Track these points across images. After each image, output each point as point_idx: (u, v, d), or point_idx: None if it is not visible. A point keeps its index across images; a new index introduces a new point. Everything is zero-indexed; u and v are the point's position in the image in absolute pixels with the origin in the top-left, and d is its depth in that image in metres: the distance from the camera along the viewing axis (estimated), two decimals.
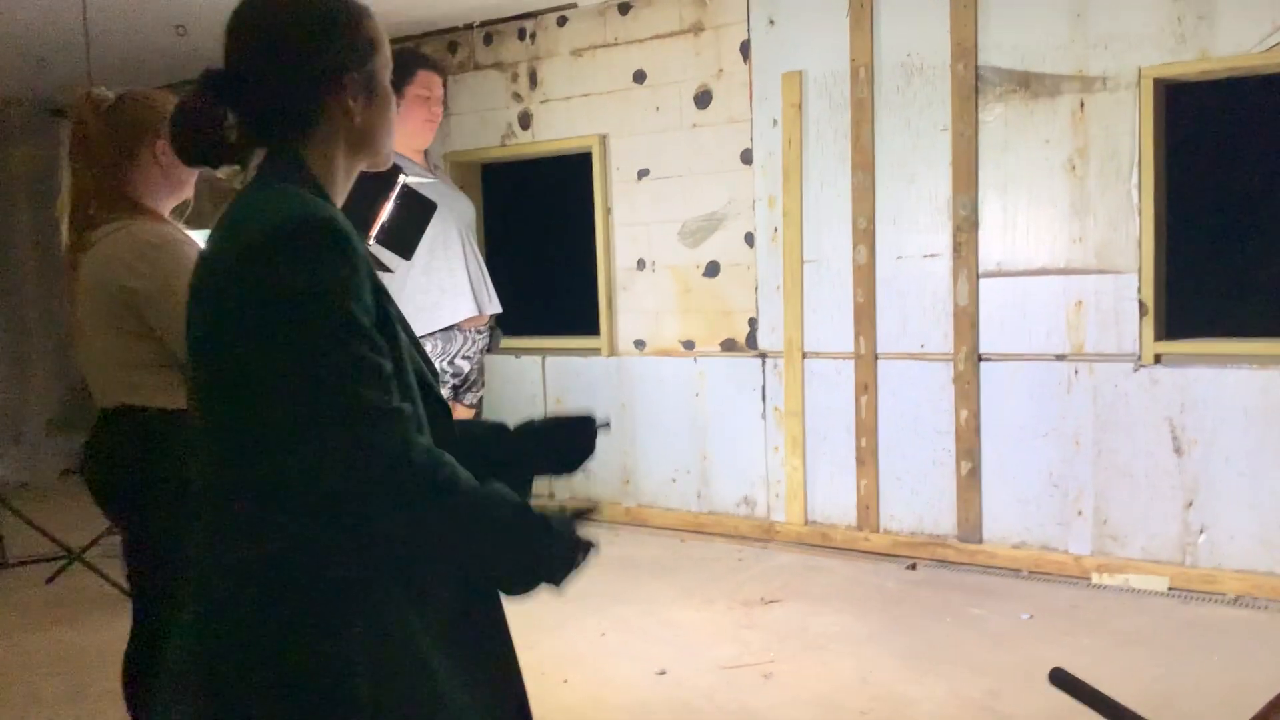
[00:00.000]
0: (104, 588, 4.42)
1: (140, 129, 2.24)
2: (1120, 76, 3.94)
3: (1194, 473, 3.90)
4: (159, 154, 2.25)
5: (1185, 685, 3.15)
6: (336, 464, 1.20)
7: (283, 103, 1.37)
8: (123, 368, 2.22)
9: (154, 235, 2.21)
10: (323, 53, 1.37)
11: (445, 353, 3.47)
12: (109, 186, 2.23)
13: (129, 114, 2.25)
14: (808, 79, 4.62)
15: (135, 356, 2.20)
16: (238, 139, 1.39)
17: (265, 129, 1.38)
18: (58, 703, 3.35)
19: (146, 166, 2.25)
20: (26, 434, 6.92)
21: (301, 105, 1.37)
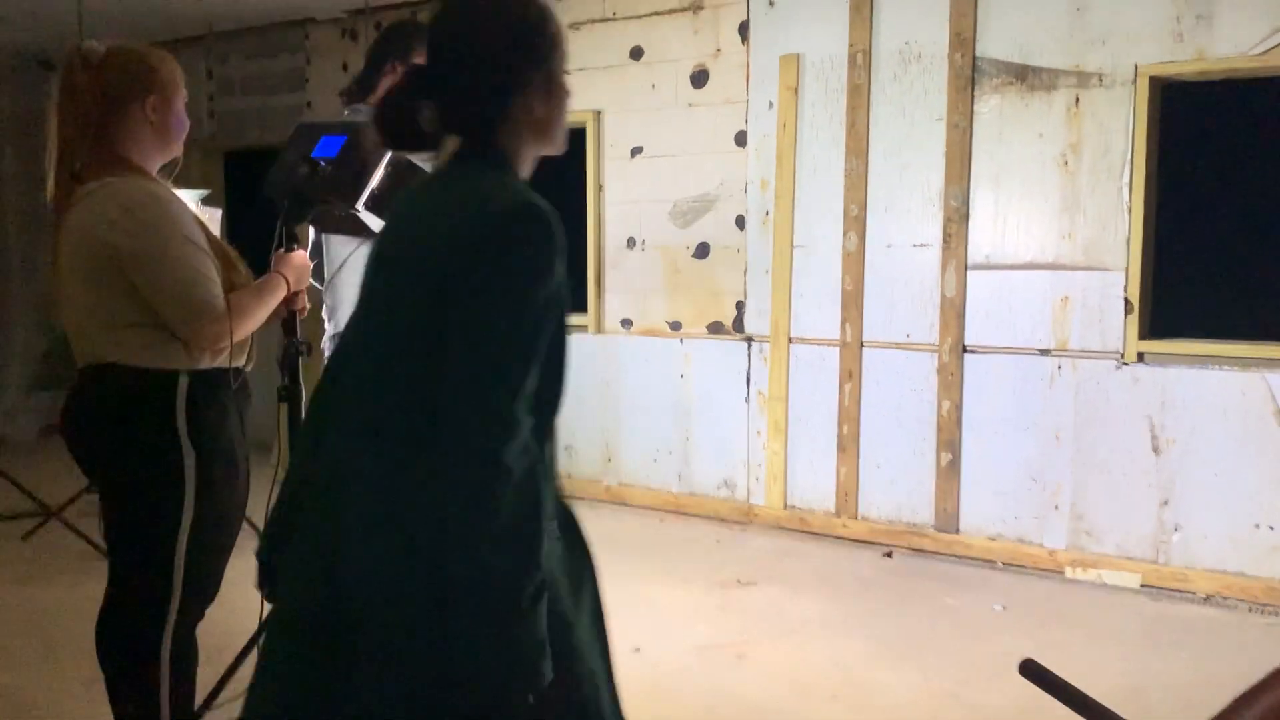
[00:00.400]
0: (80, 546, 4.40)
1: (131, 85, 2.20)
2: (1117, 73, 3.94)
3: (1170, 472, 3.93)
4: (150, 111, 2.22)
5: (1153, 681, 3.19)
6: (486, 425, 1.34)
7: (475, 98, 1.50)
8: (104, 325, 2.20)
9: (141, 193, 2.18)
10: (513, 54, 1.50)
11: None
12: (97, 142, 2.19)
13: (119, 69, 2.20)
14: (805, 63, 4.60)
15: (117, 314, 2.18)
16: (433, 128, 1.52)
17: (458, 121, 1.52)
18: (29, 660, 3.34)
19: (136, 123, 2.22)
20: (6, 390, 6.87)
21: (492, 100, 1.50)
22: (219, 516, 2.31)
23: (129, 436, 2.22)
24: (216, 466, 2.27)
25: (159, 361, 2.20)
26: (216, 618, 2.56)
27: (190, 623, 2.36)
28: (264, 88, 6.42)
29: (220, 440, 2.28)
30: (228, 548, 2.41)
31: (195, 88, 6.59)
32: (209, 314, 2.17)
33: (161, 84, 2.24)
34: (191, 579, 2.29)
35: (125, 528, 2.31)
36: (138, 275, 2.14)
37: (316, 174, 2.47)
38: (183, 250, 2.16)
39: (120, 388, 2.22)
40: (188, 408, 2.21)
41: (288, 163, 2.57)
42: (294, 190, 2.51)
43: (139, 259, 2.13)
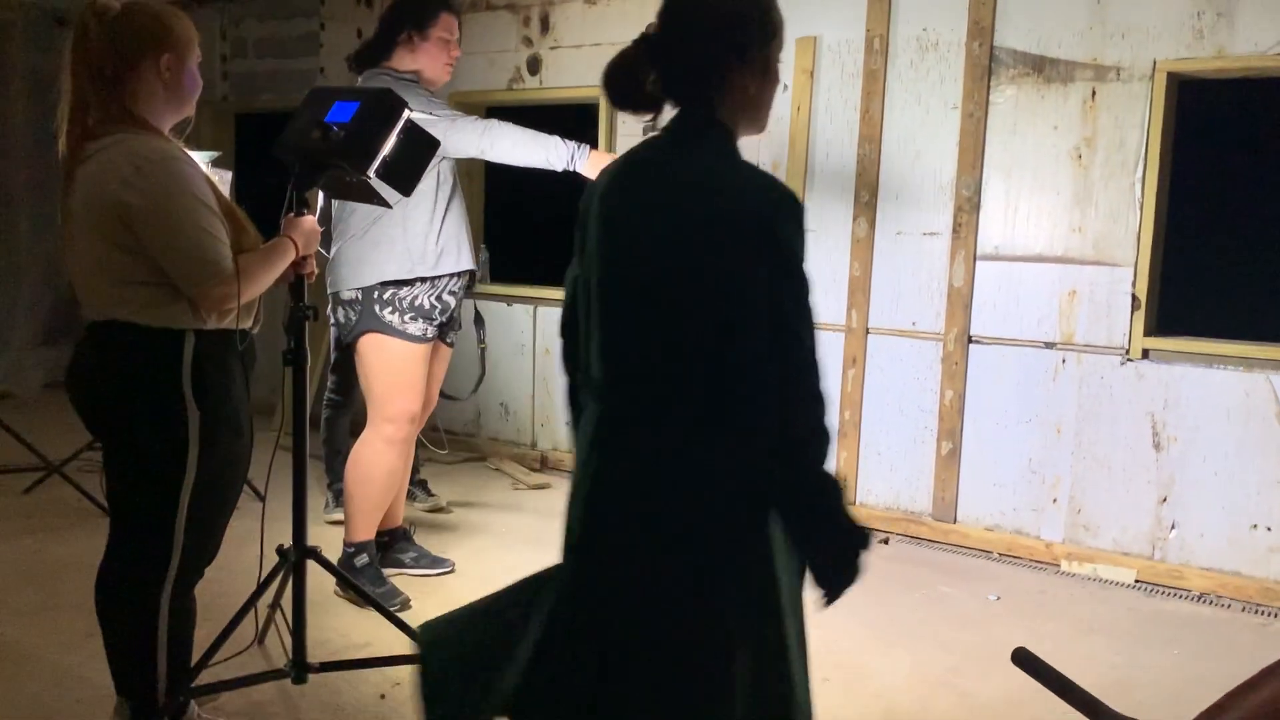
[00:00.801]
0: (81, 502, 4.43)
1: (145, 42, 2.19)
2: (1135, 68, 3.92)
3: (1171, 469, 3.94)
4: (163, 69, 2.21)
5: (1143, 676, 3.20)
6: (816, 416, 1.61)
7: (697, 70, 1.64)
8: (112, 282, 2.20)
9: (152, 150, 2.17)
10: (735, 33, 1.63)
11: (435, 287, 3.47)
12: (109, 99, 2.19)
13: (134, 25, 2.19)
14: (821, 45, 4.58)
15: (124, 271, 2.19)
16: (654, 93, 1.67)
17: (677, 89, 1.66)
18: (28, 612, 3.36)
19: (149, 81, 2.21)
20: (12, 344, 6.89)
21: (712, 74, 1.64)
22: (221, 478, 2.34)
23: (134, 394, 2.23)
24: (220, 428, 2.29)
25: (166, 320, 2.21)
26: (214, 577, 2.58)
27: (189, 581, 2.38)
28: (278, 51, 6.40)
29: (225, 402, 2.30)
30: (228, 509, 2.43)
31: (209, 49, 6.56)
32: (217, 274, 2.17)
33: (176, 42, 2.24)
34: (191, 538, 2.31)
35: (127, 485, 2.32)
36: (147, 233, 2.15)
37: (329, 139, 2.47)
38: (193, 209, 2.16)
39: (126, 345, 2.23)
40: (193, 368, 2.23)
41: (300, 127, 2.56)
42: (305, 154, 2.51)
43: (149, 216, 2.13)
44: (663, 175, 1.64)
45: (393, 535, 3.80)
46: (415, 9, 3.50)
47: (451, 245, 3.48)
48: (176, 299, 2.20)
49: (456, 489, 4.99)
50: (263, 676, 2.64)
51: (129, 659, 2.37)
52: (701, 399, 1.59)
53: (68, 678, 2.91)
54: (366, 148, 2.50)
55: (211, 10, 6.52)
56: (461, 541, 4.24)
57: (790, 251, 1.58)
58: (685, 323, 1.58)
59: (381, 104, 2.56)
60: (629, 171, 1.70)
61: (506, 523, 4.56)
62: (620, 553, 1.64)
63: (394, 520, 3.79)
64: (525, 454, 5.56)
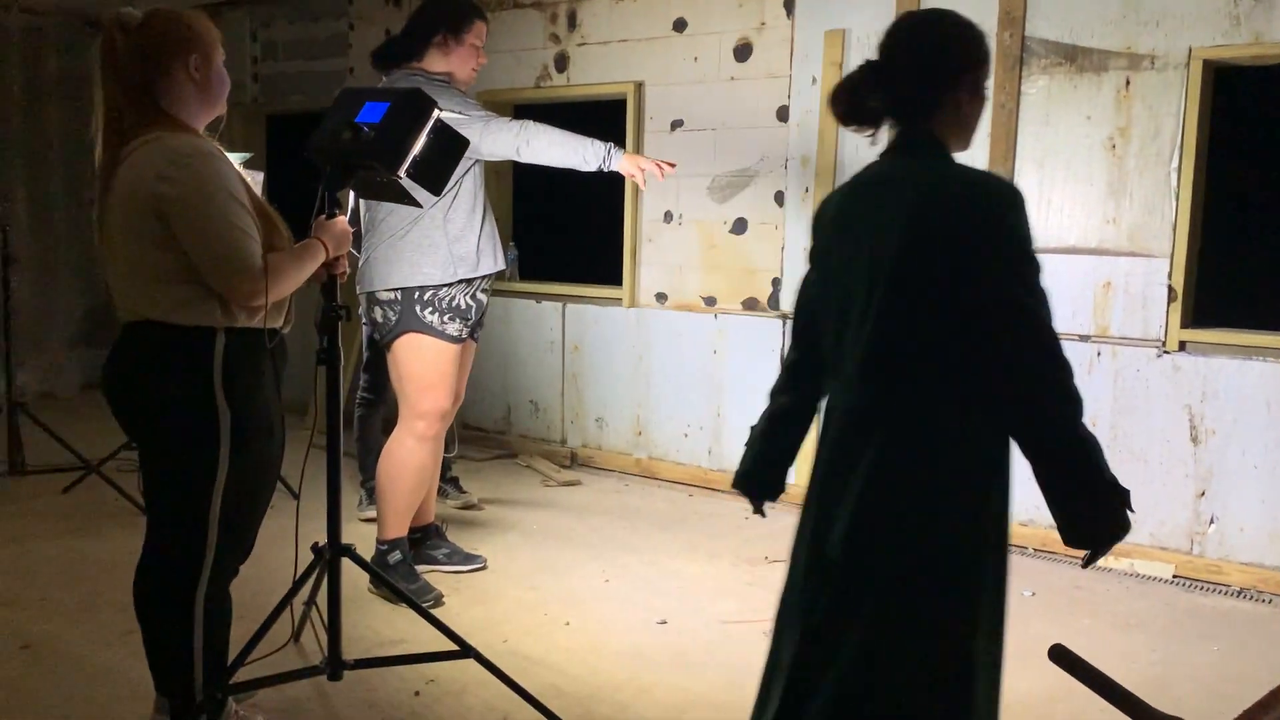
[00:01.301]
0: (118, 501, 4.48)
1: (171, 45, 2.25)
2: (1170, 56, 3.86)
3: (1209, 463, 3.88)
4: (192, 69, 2.26)
5: (1182, 672, 3.16)
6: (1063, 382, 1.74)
7: (916, 92, 1.86)
8: (145, 281, 2.24)
9: (188, 145, 2.22)
10: (950, 61, 1.87)
11: (470, 286, 3.50)
12: (143, 104, 2.25)
13: (158, 30, 2.25)
14: (850, 38, 4.55)
15: (158, 269, 2.22)
16: (877, 111, 1.90)
17: (898, 109, 1.89)
18: (67, 610, 3.41)
19: (180, 82, 2.26)
20: (50, 345, 6.99)
21: (929, 96, 1.86)
22: (253, 476, 2.35)
23: (165, 394, 2.26)
24: (251, 426, 2.31)
25: (196, 319, 2.24)
26: (249, 575, 2.60)
27: (224, 579, 2.40)
28: (307, 52, 6.44)
29: (255, 400, 2.32)
30: (261, 508, 2.45)
31: (239, 51, 6.63)
32: (246, 271, 2.20)
33: (201, 42, 2.29)
34: (225, 537, 2.33)
35: (161, 484, 2.35)
36: (181, 226, 2.17)
37: (359, 139, 2.47)
38: (226, 205, 2.20)
39: (158, 345, 2.26)
40: (224, 367, 2.25)
41: (331, 128, 2.58)
42: (337, 155, 2.52)
43: (183, 209, 2.16)
44: (895, 185, 1.85)
45: (425, 532, 3.81)
46: (452, 13, 3.52)
47: (489, 246, 3.52)
48: (208, 298, 2.23)
49: (487, 486, 5.01)
50: (298, 674, 2.65)
51: (166, 657, 2.40)
52: (955, 381, 1.78)
53: (106, 675, 2.94)
54: (397, 148, 2.50)
55: (241, 13, 6.58)
56: (493, 538, 4.26)
57: (1019, 237, 1.75)
58: (934, 313, 1.76)
59: (412, 103, 2.56)
60: (863, 185, 1.93)
61: (537, 519, 4.58)
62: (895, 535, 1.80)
63: (426, 517, 3.80)
64: (555, 451, 5.58)
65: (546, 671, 3.01)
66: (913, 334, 1.79)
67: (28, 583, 3.64)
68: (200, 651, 2.33)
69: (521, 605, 3.56)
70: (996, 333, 1.72)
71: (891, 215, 1.81)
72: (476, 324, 3.62)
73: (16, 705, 2.76)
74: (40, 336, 6.89)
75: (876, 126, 1.93)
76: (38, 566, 3.81)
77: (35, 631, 3.23)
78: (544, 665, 2.93)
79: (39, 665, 3.01)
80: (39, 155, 6.84)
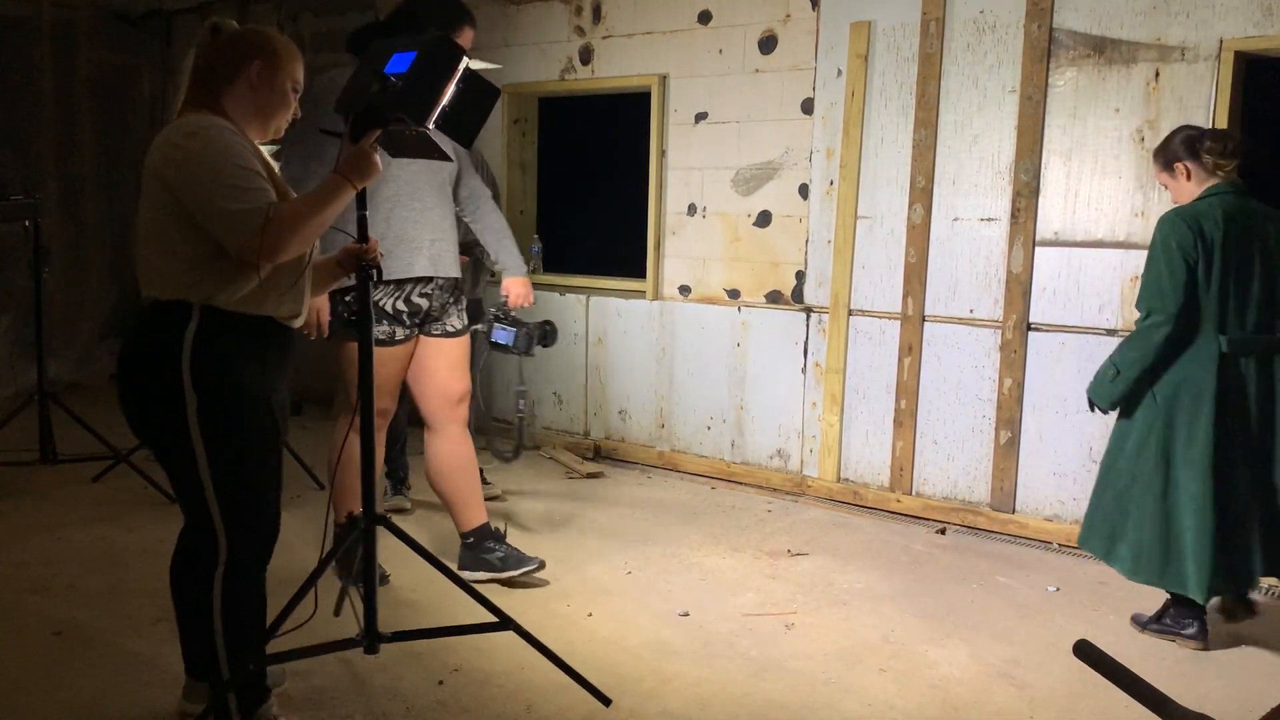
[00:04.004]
0: (147, 490, 4.54)
1: (244, 48, 2.33)
2: (1200, 47, 3.82)
3: None
4: (254, 75, 2.33)
5: (1208, 670, 3.14)
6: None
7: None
8: (149, 254, 2.27)
9: (205, 120, 2.26)
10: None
11: (400, 289, 3.44)
12: (204, 93, 2.33)
13: (239, 37, 2.35)
14: (876, 30, 4.53)
15: (160, 241, 2.25)
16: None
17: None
18: (97, 597, 3.46)
19: (240, 84, 2.33)
20: (81, 335, 7.07)
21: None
22: (239, 456, 2.31)
23: (142, 380, 2.31)
24: (221, 406, 2.26)
25: (173, 293, 2.26)
26: (289, 561, 2.62)
27: (243, 564, 2.37)
28: (335, 45, 6.47)
29: (225, 381, 2.27)
30: (261, 484, 2.39)
31: None
32: (245, 221, 2.16)
33: (271, 53, 2.34)
34: (232, 519, 2.32)
35: (168, 472, 2.39)
36: (186, 189, 2.19)
37: (387, 90, 2.38)
38: (233, 170, 2.19)
39: (142, 325, 2.32)
40: (193, 348, 2.23)
41: (359, 81, 2.51)
42: (364, 108, 2.42)
43: (187, 172, 2.18)
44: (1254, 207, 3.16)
45: (477, 535, 3.67)
46: (447, 12, 3.47)
47: (400, 251, 3.39)
48: (189, 270, 2.23)
49: (510, 477, 5.03)
50: (334, 646, 2.63)
51: (191, 638, 2.45)
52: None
53: (135, 661, 2.98)
54: (426, 98, 2.39)
55: (269, 6, 6.62)
56: (515, 529, 4.27)
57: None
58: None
59: (440, 52, 2.44)
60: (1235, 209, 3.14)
61: (560, 511, 4.59)
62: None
63: (474, 519, 3.68)
64: (579, 443, 5.59)
65: (568, 662, 3.03)
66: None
67: (58, 570, 3.69)
68: (221, 633, 2.34)
69: (543, 596, 3.58)
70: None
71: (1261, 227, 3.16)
72: (429, 322, 3.53)
73: (48, 690, 2.81)
74: (71, 327, 6.97)
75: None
76: (68, 554, 3.86)
77: (66, 618, 3.27)
78: (566, 656, 2.93)
79: (70, 651, 3.05)
80: (70, 147, 6.91)
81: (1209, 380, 3.10)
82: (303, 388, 6.39)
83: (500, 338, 3.91)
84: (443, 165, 3.52)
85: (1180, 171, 3.21)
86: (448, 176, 3.61)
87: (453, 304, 3.62)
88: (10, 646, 3.07)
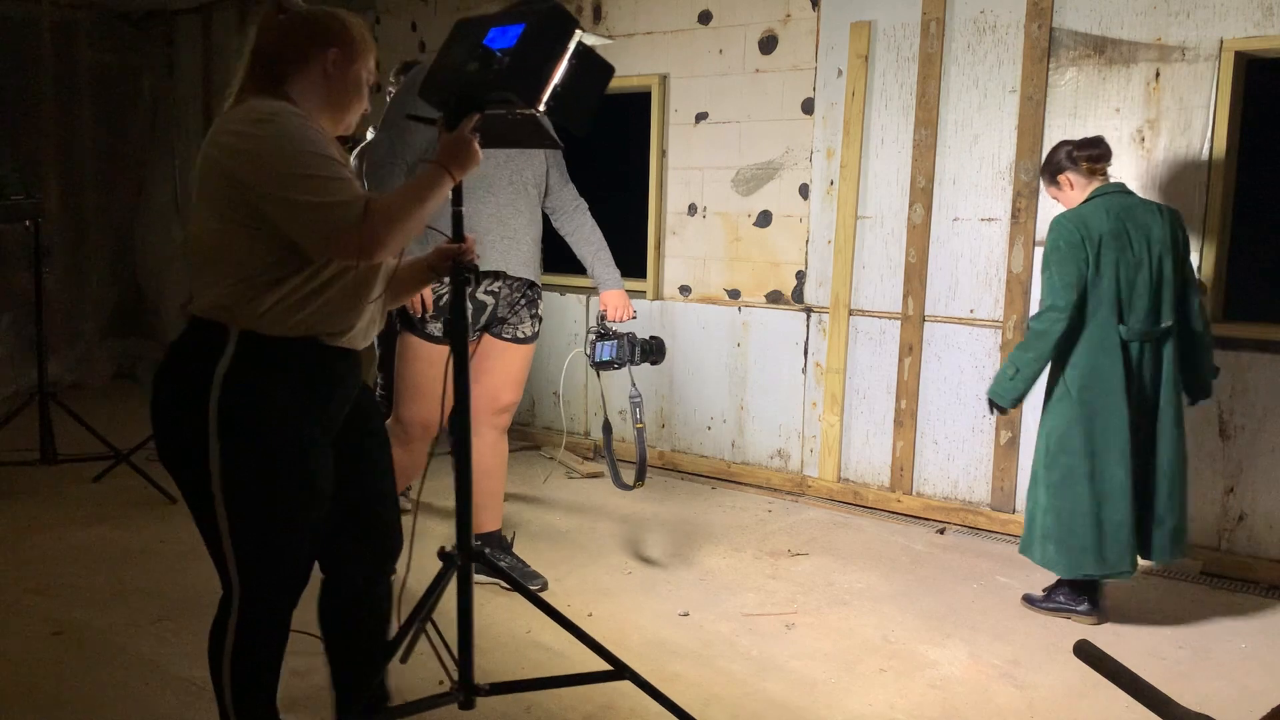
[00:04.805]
0: (148, 490, 4.54)
1: (316, 33, 2.06)
2: (1200, 47, 3.82)
3: (1238, 458, 3.84)
4: (329, 64, 2.05)
5: (1207, 669, 3.14)
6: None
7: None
8: (197, 258, 2.00)
9: (275, 105, 1.96)
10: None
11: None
12: (266, 80, 2.05)
13: (310, 18, 2.08)
14: (876, 30, 4.53)
15: (211, 244, 1.96)
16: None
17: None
18: (98, 597, 3.46)
19: (313, 73, 2.05)
20: (81, 335, 7.07)
21: None
22: (265, 510, 2.01)
23: (165, 411, 2.03)
24: (249, 457, 1.96)
25: (210, 311, 1.97)
26: None
27: (259, 616, 2.07)
28: None
29: (258, 429, 1.96)
30: (287, 535, 2.06)
31: None
32: (348, 215, 1.87)
33: (348, 41, 2.08)
34: (249, 569, 2.03)
35: (187, 503, 2.08)
36: (261, 180, 1.89)
37: (492, 67, 2.08)
38: (315, 159, 1.90)
39: (175, 345, 2.05)
40: (223, 389, 1.94)
41: (452, 62, 2.22)
42: (461, 91, 2.13)
43: (259, 163, 1.90)
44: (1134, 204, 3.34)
45: (487, 540, 3.61)
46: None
47: (488, 246, 3.37)
48: (234, 284, 1.94)
49: (511, 478, 5.03)
50: (424, 704, 2.28)
51: (217, 694, 2.12)
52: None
53: (135, 661, 2.98)
54: (537, 76, 2.07)
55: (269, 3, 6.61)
56: (516, 529, 4.27)
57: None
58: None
59: (551, 23, 2.12)
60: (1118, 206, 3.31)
61: (561, 511, 4.59)
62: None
63: (488, 524, 3.64)
64: (579, 443, 5.59)
65: (569, 663, 3.03)
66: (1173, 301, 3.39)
67: (59, 570, 3.70)
68: (229, 687, 2.07)
69: (544, 596, 3.58)
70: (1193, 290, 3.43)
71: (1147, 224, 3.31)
72: (494, 323, 3.53)
73: (48, 689, 2.81)
74: (71, 327, 6.98)
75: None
76: (69, 554, 3.86)
77: (66, 618, 3.27)
78: (567, 657, 2.94)
79: (69, 651, 3.05)
80: (70, 147, 6.91)
81: (1117, 368, 3.27)
82: None
83: (604, 353, 3.64)
84: (525, 163, 3.41)
85: (1065, 182, 3.44)
86: (532, 176, 3.50)
87: (525, 307, 3.57)
88: (10, 646, 3.07)
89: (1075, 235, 3.27)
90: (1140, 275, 3.29)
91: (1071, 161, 3.40)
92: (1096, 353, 3.28)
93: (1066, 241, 3.27)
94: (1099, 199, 3.35)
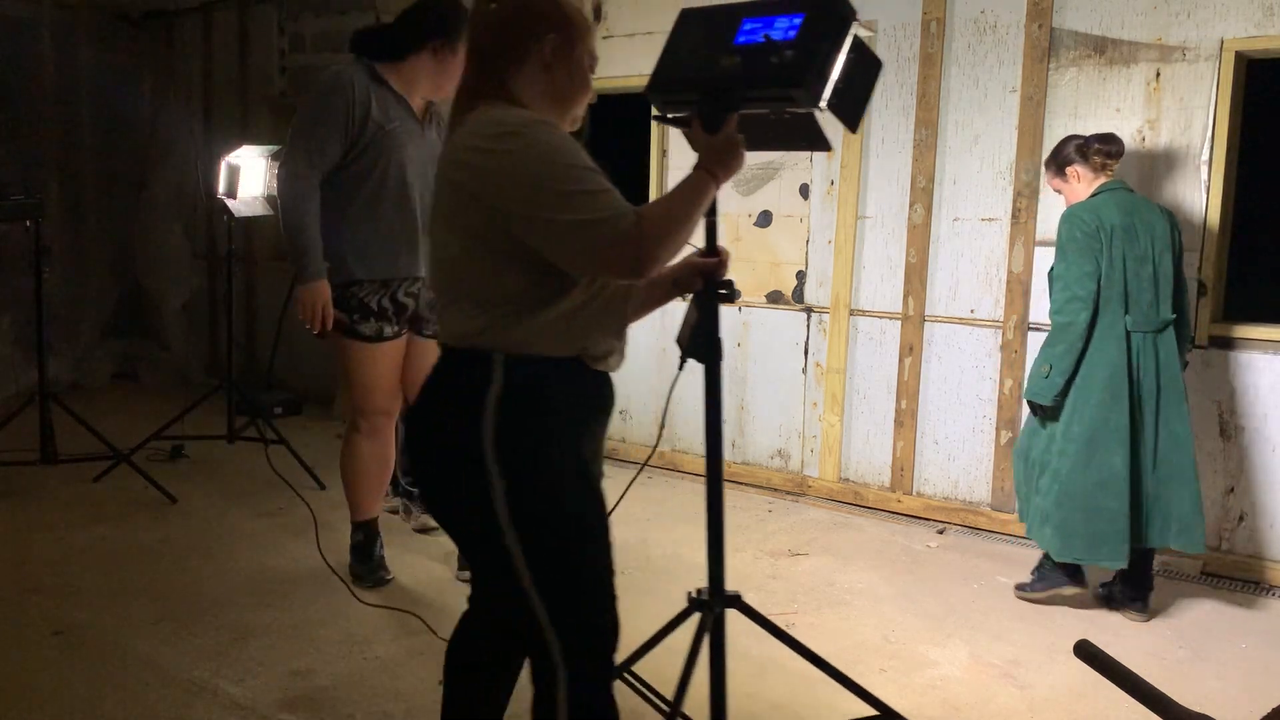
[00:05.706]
0: (148, 490, 4.53)
1: (530, 18, 1.88)
2: (1201, 48, 3.82)
3: (1238, 458, 3.84)
4: (548, 52, 1.87)
5: (1209, 669, 3.14)
6: None
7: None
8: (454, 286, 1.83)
9: (522, 115, 1.79)
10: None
11: (386, 288, 3.46)
12: (487, 77, 1.88)
13: (522, 3, 1.90)
14: (877, 29, 4.53)
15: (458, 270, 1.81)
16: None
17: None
18: (98, 597, 3.45)
19: (531, 64, 1.87)
20: (81, 336, 7.07)
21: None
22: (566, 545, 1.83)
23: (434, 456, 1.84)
24: (538, 486, 1.79)
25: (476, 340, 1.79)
26: None
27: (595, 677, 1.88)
28: (334, 45, 6.47)
29: (541, 455, 1.78)
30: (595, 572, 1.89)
31: (267, 44, 6.67)
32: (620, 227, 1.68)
33: (565, 24, 1.89)
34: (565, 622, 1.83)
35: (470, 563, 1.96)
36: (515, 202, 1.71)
37: (780, 61, 1.89)
38: (574, 171, 1.72)
39: (433, 389, 1.85)
40: (497, 419, 1.74)
41: (696, 58, 2.06)
42: (715, 88, 1.94)
43: (514, 182, 1.71)
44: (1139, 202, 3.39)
45: (362, 528, 3.66)
46: (449, 23, 3.41)
47: (383, 248, 3.41)
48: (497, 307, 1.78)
49: None
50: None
51: None
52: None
53: (135, 661, 2.98)
54: (822, 70, 1.87)
55: (269, 6, 6.62)
56: None
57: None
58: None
59: (828, 12, 1.91)
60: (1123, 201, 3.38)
61: None
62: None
63: (370, 511, 3.72)
64: None
65: None
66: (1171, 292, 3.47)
67: (59, 570, 3.69)
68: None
69: None
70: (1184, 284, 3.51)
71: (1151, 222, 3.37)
72: (423, 321, 3.56)
73: (48, 690, 2.80)
74: (72, 327, 6.97)
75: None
76: (69, 554, 3.86)
77: (66, 619, 3.27)
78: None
79: (70, 651, 3.05)
80: (70, 148, 6.91)
81: (1122, 359, 3.35)
82: (303, 388, 6.38)
83: None
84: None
85: (1072, 174, 3.48)
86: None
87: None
88: (10, 646, 3.07)
89: (1090, 226, 3.34)
90: (1145, 270, 3.35)
91: (1081, 155, 3.44)
92: (1104, 342, 3.35)
93: (1083, 232, 3.34)
94: (1106, 194, 3.40)
